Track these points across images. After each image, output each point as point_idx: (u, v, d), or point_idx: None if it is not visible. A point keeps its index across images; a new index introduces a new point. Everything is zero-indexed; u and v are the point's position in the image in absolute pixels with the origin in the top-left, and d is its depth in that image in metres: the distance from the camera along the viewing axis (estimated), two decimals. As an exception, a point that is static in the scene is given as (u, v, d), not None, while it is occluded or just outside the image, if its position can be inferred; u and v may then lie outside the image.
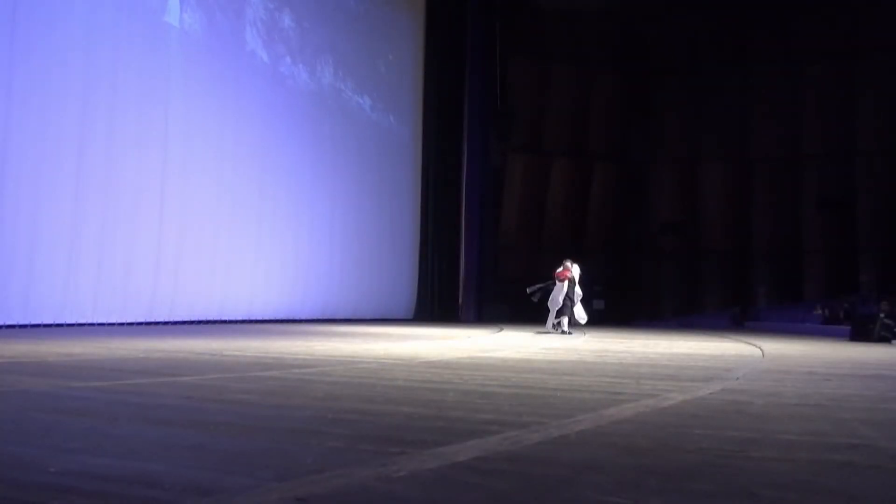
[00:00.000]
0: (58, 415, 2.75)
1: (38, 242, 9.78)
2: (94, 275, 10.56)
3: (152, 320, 11.31)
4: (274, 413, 2.93)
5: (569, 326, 12.69)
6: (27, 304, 9.55)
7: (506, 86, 23.21)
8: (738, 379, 4.80)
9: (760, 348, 8.73)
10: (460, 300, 20.93)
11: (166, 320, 11.57)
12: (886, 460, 2.29)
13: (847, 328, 13.89)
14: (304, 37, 15.40)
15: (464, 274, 21.07)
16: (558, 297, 12.67)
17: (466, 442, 2.30)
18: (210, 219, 12.79)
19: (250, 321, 13.25)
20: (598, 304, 21.84)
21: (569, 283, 12.69)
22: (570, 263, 12.85)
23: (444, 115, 20.17)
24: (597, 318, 19.95)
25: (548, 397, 3.63)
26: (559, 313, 12.67)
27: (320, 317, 15.42)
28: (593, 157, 25.26)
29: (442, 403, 3.24)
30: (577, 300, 12.70)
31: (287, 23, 14.92)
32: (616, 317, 21.46)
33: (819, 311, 19.46)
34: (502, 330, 13.03)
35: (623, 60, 25.09)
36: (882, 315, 12.39)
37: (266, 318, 13.89)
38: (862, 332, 12.38)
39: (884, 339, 11.85)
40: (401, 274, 18.71)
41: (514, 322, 17.60)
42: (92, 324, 10.24)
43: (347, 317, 16.07)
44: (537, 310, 13.04)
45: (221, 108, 13.09)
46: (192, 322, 12.01)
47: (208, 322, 12.39)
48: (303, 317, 15.02)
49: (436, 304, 19.77)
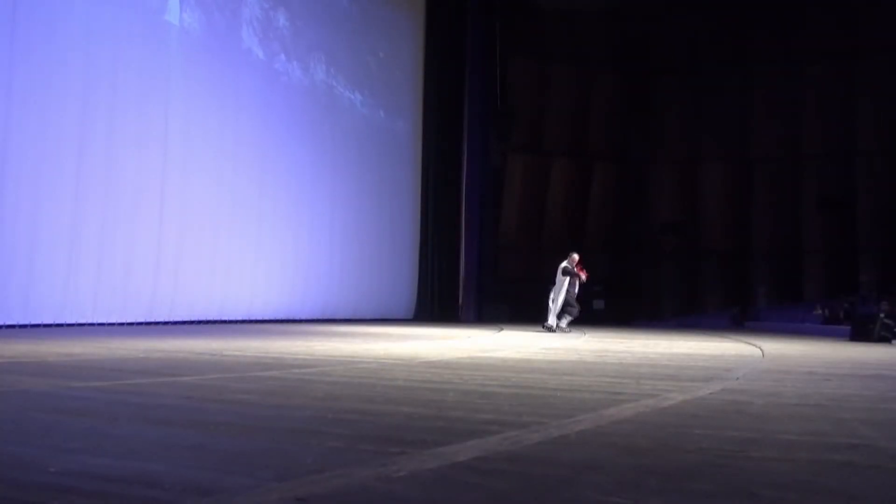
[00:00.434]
0: (58, 415, 2.75)
1: (38, 242, 9.78)
2: (94, 275, 10.56)
3: (152, 320, 11.31)
4: (274, 413, 2.93)
5: (568, 325, 12.69)
6: (27, 304, 9.55)
7: (506, 86, 23.21)
8: (738, 379, 4.80)
9: (760, 348, 8.73)
10: (460, 300, 20.93)
11: (166, 320, 11.57)
12: (886, 460, 2.29)
13: (847, 328, 13.89)
14: (303, 36, 15.40)
15: (464, 274, 21.07)
16: (562, 293, 12.65)
17: (466, 442, 2.30)
18: (210, 219, 12.79)
19: (250, 321, 13.25)
20: (598, 304, 21.84)
21: (572, 278, 12.70)
22: (577, 256, 12.88)
23: (444, 114, 20.17)
24: (597, 318, 19.96)
25: (548, 397, 3.63)
26: (564, 311, 12.66)
27: (320, 317, 15.42)
28: (593, 157, 25.26)
29: (442, 403, 3.24)
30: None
31: (282, 22, 14.92)
32: (616, 317, 21.46)
33: (819, 311, 19.46)
34: (502, 330, 13.03)
35: (623, 60, 25.09)
36: (882, 315, 12.39)
37: (266, 318, 13.89)
38: (862, 332, 12.38)
39: (884, 339, 11.85)
40: (401, 274, 18.71)
41: (514, 322, 17.60)
42: (92, 324, 10.24)
43: (347, 317, 16.07)
44: (536, 310, 13.02)
45: (221, 109, 13.09)
46: (192, 322, 12.01)
47: (208, 322, 12.39)
48: (303, 317, 15.02)
49: (436, 304, 19.77)
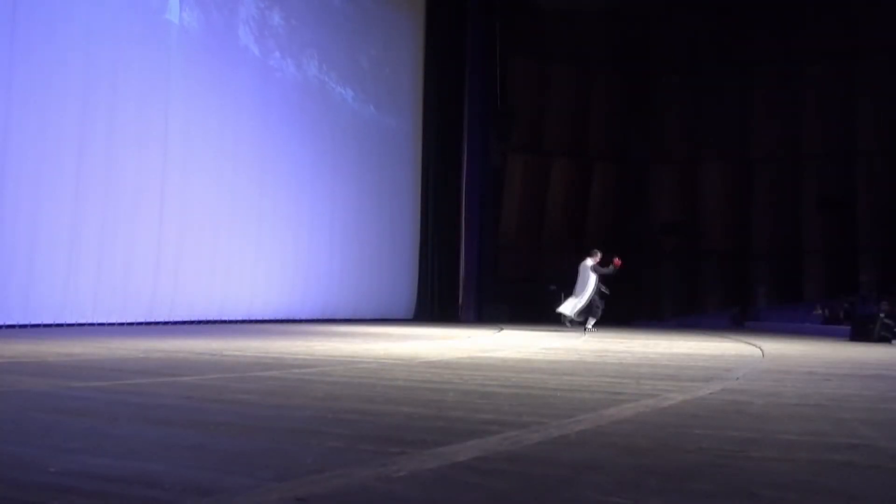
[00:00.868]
0: (58, 415, 2.75)
1: (38, 242, 9.78)
2: (94, 275, 10.56)
3: (152, 320, 11.31)
4: (274, 413, 2.93)
5: (594, 325, 12.83)
6: (27, 304, 9.56)
7: (506, 86, 23.21)
8: (738, 379, 4.80)
9: (760, 348, 8.72)
10: (460, 300, 20.93)
11: (166, 320, 11.57)
12: (886, 460, 2.29)
13: (847, 328, 13.89)
14: (301, 36, 15.40)
15: (464, 274, 21.07)
16: (588, 291, 12.72)
17: (466, 442, 2.30)
18: (210, 219, 12.79)
19: (250, 321, 13.25)
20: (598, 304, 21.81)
21: (598, 278, 12.83)
22: (600, 253, 13.02)
23: (444, 114, 20.18)
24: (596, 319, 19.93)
25: (548, 397, 3.63)
26: (589, 311, 12.75)
27: (320, 317, 15.42)
28: (593, 157, 25.26)
29: (442, 403, 3.24)
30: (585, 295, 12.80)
31: (281, 21, 14.92)
32: (616, 317, 21.45)
33: (819, 311, 19.46)
34: (502, 330, 13.03)
35: (623, 60, 25.09)
36: (882, 315, 12.38)
37: (266, 318, 13.89)
38: (862, 332, 12.38)
39: (884, 339, 11.85)
40: (401, 274, 18.71)
41: (514, 322, 17.59)
42: (92, 324, 10.24)
43: (347, 317, 16.07)
44: (536, 310, 13.02)
45: (222, 109, 13.10)
46: (192, 322, 12.01)
47: (208, 322, 12.39)
48: (303, 317, 15.02)
49: (436, 304, 19.77)
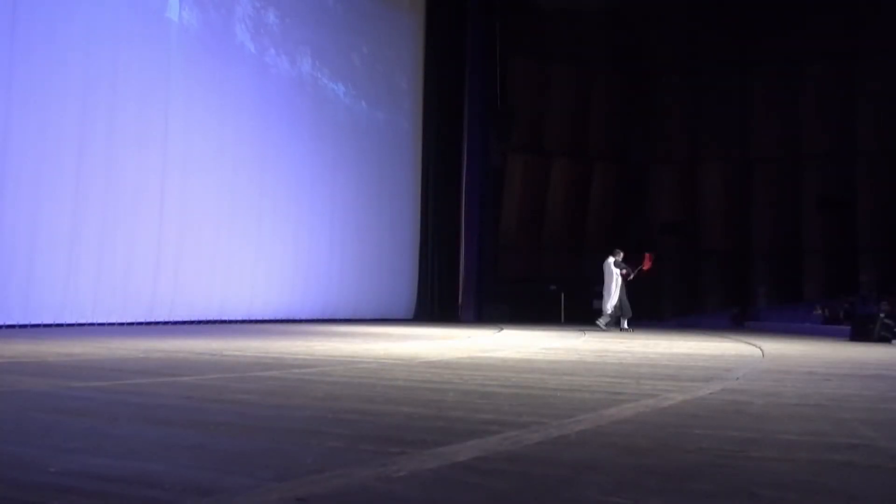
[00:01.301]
0: (58, 415, 2.75)
1: (38, 242, 9.79)
2: (94, 275, 10.57)
3: (152, 320, 11.32)
4: (274, 413, 2.93)
5: (610, 324, 12.88)
6: (27, 304, 9.56)
7: (506, 86, 23.21)
8: (738, 379, 4.80)
9: (760, 348, 8.72)
10: (460, 300, 20.93)
11: (166, 320, 11.57)
12: (886, 460, 2.29)
13: (847, 328, 13.88)
14: (302, 36, 15.40)
15: (464, 274, 21.07)
16: (616, 293, 12.78)
17: (466, 442, 2.30)
18: (210, 219, 12.79)
19: (250, 321, 13.26)
20: (598, 304, 21.81)
21: (622, 277, 12.89)
22: (622, 253, 13.08)
23: (444, 114, 20.18)
24: (596, 318, 19.94)
25: (548, 397, 3.63)
26: (620, 310, 12.80)
27: (320, 317, 15.42)
28: (593, 157, 25.26)
29: (442, 403, 3.24)
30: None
31: (279, 20, 14.93)
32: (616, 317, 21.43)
33: (819, 311, 19.46)
34: (502, 330, 13.03)
35: (623, 60, 25.09)
36: (882, 315, 12.38)
37: (266, 318, 13.89)
38: (862, 332, 12.37)
39: (884, 339, 11.85)
40: (401, 274, 18.71)
41: (514, 322, 17.59)
42: (92, 324, 10.25)
43: (347, 317, 16.07)
44: (536, 310, 13.02)
45: (222, 110, 13.10)
46: (192, 322, 12.01)
47: (208, 322, 12.39)
48: (303, 317, 15.02)
49: (436, 304, 19.77)
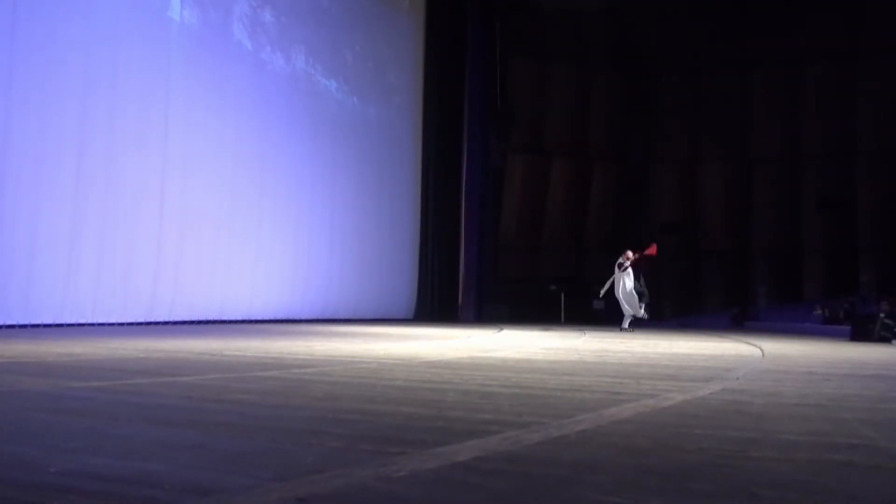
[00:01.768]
0: (58, 415, 2.75)
1: (37, 242, 9.79)
2: (94, 275, 10.57)
3: (152, 320, 11.32)
4: (274, 413, 2.93)
5: (629, 325, 12.81)
6: (27, 304, 9.56)
7: (506, 86, 23.21)
8: (738, 379, 4.80)
9: (760, 348, 8.72)
10: (460, 300, 20.94)
11: (166, 320, 11.57)
12: (886, 460, 2.29)
13: (847, 328, 13.88)
14: (302, 35, 15.41)
15: (464, 274, 21.08)
16: (621, 294, 12.69)
17: (466, 442, 2.30)
18: (210, 219, 12.80)
19: (250, 321, 13.26)
20: (598, 304, 21.83)
21: (627, 273, 12.76)
22: (631, 252, 12.95)
23: (444, 114, 20.18)
24: (597, 318, 19.97)
25: (548, 397, 3.63)
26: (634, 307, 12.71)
27: (320, 317, 15.42)
28: (593, 157, 25.26)
29: (442, 403, 3.24)
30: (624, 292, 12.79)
31: (281, 20, 14.93)
32: (616, 317, 21.46)
33: (819, 311, 19.46)
34: (502, 330, 13.03)
35: (623, 60, 25.10)
36: (882, 315, 12.38)
37: (266, 318, 13.89)
38: (862, 332, 12.38)
39: (884, 339, 11.85)
40: (401, 274, 18.72)
41: (514, 322, 17.59)
42: (92, 324, 10.25)
43: (347, 317, 16.07)
44: (536, 310, 13.00)
45: (222, 109, 13.10)
46: (192, 322, 12.01)
47: (208, 322, 12.39)
48: (303, 317, 15.02)
49: (436, 304, 19.78)
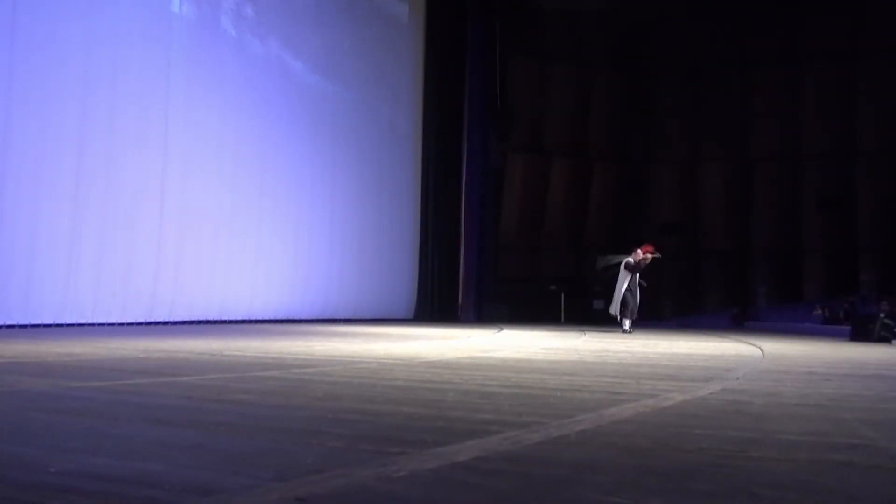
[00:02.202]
0: (58, 415, 2.75)
1: (37, 242, 9.79)
2: (94, 275, 10.57)
3: (152, 320, 11.32)
4: (274, 413, 2.93)
5: (630, 326, 12.69)
6: (27, 304, 9.56)
7: (506, 86, 23.22)
8: (738, 379, 4.80)
9: (760, 348, 8.72)
10: (460, 300, 20.94)
11: (166, 320, 11.57)
12: (886, 460, 2.29)
13: (847, 328, 13.88)
14: (302, 35, 15.40)
15: (463, 274, 21.08)
16: (621, 290, 12.55)
17: (466, 442, 2.30)
18: (210, 219, 12.80)
19: (250, 321, 13.26)
20: (598, 304, 21.84)
21: (633, 274, 12.63)
22: (640, 251, 12.76)
23: (444, 114, 20.19)
24: (597, 318, 19.97)
25: (548, 397, 3.63)
26: (623, 310, 12.59)
27: (320, 317, 15.42)
28: (593, 157, 25.27)
29: (442, 403, 3.24)
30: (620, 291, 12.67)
31: (282, 19, 14.93)
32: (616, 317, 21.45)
33: (819, 311, 19.46)
34: (502, 330, 13.02)
35: (623, 60, 25.10)
36: (882, 315, 12.38)
37: (266, 318, 13.89)
38: (862, 332, 12.38)
39: (884, 339, 11.85)
40: (401, 274, 18.72)
41: (514, 322, 17.59)
42: (92, 324, 10.25)
43: (347, 317, 16.07)
44: (536, 310, 12.97)
45: (222, 108, 13.10)
46: (192, 322, 12.01)
47: (208, 322, 12.39)
48: (303, 317, 15.02)
49: (436, 305, 19.78)
